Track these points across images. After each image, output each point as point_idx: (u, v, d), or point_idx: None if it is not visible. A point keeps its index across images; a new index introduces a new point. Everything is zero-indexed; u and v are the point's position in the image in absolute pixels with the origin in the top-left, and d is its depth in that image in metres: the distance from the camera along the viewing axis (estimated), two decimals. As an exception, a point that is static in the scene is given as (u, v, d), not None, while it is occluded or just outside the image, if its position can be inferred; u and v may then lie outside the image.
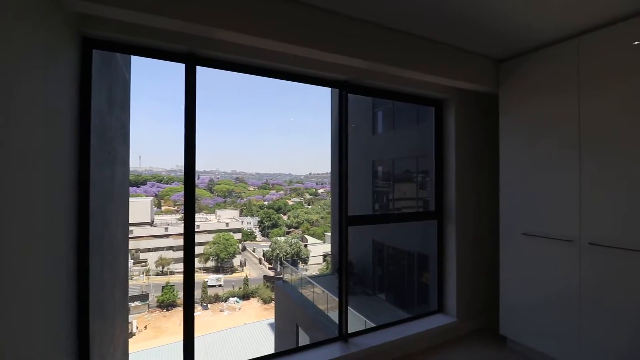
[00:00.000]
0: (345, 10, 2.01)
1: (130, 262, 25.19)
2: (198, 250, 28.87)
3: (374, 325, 2.81)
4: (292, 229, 32.82)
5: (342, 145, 2.51)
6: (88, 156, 1.69)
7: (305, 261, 25.74)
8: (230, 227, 30.95)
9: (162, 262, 27.17)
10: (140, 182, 35.81)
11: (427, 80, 2.61)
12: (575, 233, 2.30)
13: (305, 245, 28.03)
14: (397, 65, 2.22)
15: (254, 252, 31.54)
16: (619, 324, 2.07)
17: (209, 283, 25.40)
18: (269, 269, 28.70)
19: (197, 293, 24.66)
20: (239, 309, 23.95)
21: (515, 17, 2.13)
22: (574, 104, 2.32)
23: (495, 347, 2.78)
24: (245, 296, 25.23)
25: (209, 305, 24.01)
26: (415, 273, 6.30)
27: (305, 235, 30.25)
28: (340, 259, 2.54)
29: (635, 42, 2.05)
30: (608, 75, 2.16)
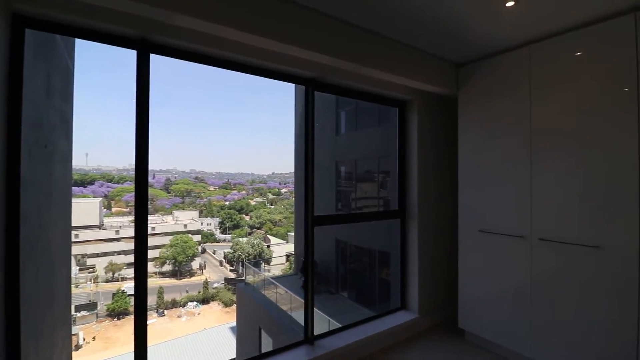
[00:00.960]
0: (311, 3, 1.95)
1: (75, 269, 23.12)
2: (153, 253, 27.28)
3: (339, 326, 2.79)
4: (255, 230, 32.21)
5: (309, 144, 2.45)
6: (19, 150, 1.47)
7: (268, 262, 25.37)
8: (188, 228, 29.65)
9: (112, 268, 25.32)
10: (87, 182, 33.10)
11: (392, 81, 2.64)
12: (527, 230, 2.44)
13: (268, 246, 27.61)
14: (364, 64, 2.21)
15: (214, 254, 30.50)
16: (565, 313, 2.22)
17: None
18: (231, 271, 27.93)
19: (153, 299, 23.33)
20: (198, 313, 23.03)
21: (473, 24, 2.21)
22: (525, 108, 2.46)
23: (453, 340, 2.88)
24: (205, 300, 24.31)
25: (166, 312, 22.81)
26: (376, 270, 6.42)
27: (268, 236, 29.81)
28: (305, 261, 2.49)
29: (578, 53, 2.22)
30: (554, 82, 2.31)
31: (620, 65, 2.01)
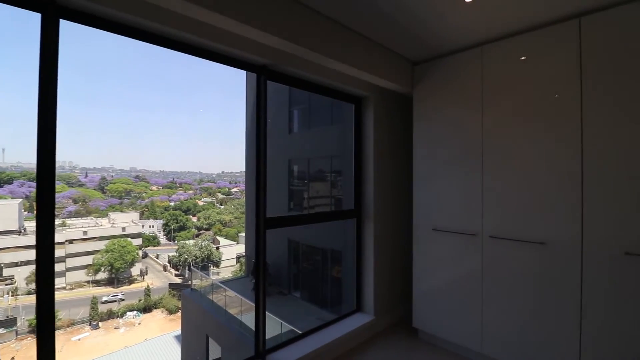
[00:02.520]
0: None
1: (-12, 280, 20.05)
2: (86, 260, 24.75)
3: (290, 328, 2.62)
4: (203, 231, 30.66)
5: (260, 140, 2.23)
6: None
7: (217, 264, 24.27)
8: (127, 232, 27.28)
9: (34, 278, 22.34)
10: (3, 181, 28.94)
11: (350, 75, 2.52)
12: (478, 227, 2.47)
13: (217, 248, 26.43)
14: (322, 53, 2.04)
15: (157, 258, 28.47)
16: (514, 308, 2.28)
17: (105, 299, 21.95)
18: (176, 275, 26.28)
19: (86, 311, 21.11)
20: (139, 323, 21.31)
21: (432, 19, 2.16)
22: (477, 108, 2.49)
23: (408, 340, 2.86)
24: (147, 308, 22.56)
25: (101, 324, 20.76)
26: (329, 269, 6.40)
27: (218, 237, 28.56)
28: (257, 270, 2.26)
29: (523, 57, 2.28)
30: (505, 83, 2.36)
31: (565, 69, 2.10)
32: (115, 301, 22.48)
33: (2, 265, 21.91)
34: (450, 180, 2.64)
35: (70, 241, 25.07)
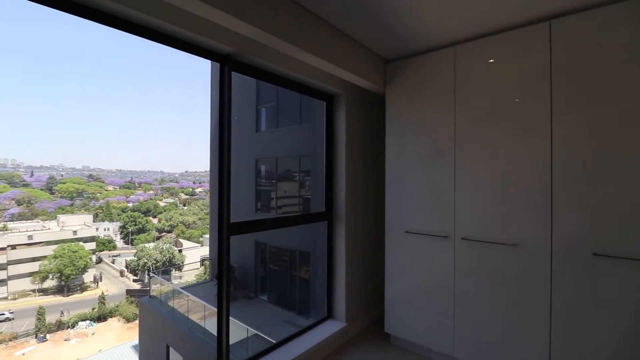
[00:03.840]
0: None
1: None
2: (31, 267, 22.70)
3: (256, 332, 2.43)
4: (164, 234, 29.19)
5: (224, 138, 2.03)
6: None
7: (180, 268, 23.20)
8: (79, 235, 25.32)
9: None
10: None
11: (322, 69, 2.38)
12: (450, 230, 2.44)
13: (180, 251, 25.26)
14: (292, 43, 1.87)
15: (113, 263, 26.73)
16: (486, 310, 2.26)
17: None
18: (135, 281, 24.84)
19: (32, 322, 19.32)
20: (93, 333, 19.88)
21: (409, 15, 2.08)
22: (450, 109, 2.46)
23: (379, 346, 2.78)
24: (101, 317, 21.10)
25: (48, 336, 19.11)
26: (297, 270, 6.30)
27: (180, 240, 27.31)
28: (219, 280, 2.06)
29: (491, 60, 2.27)
30: (477, 83, 2.34)
31: (535, 71, 2.10)
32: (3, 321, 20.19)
33: None
34: (422, 182, 2.59)
35: (13, 247, 22.91)
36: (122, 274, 25.60)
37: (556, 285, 2.01)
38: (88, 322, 20.54)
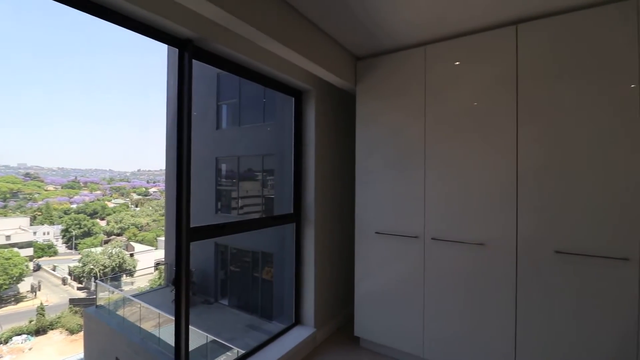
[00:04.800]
0: None
1: None
2: (-50, 278, 19.99)
3: (213, 338, 2.25)
4: (114, 237, 27.13)
5: (183, 135, 1.82)
6: None
7: (131, 274, 21.65)
8: (13, 240, 22.72)
9: None
10: None
11: (292, 62, 2.25)
12: (420, 230, 2.43)
13: (132, 255, 23.60)
14: (260, 29, 1.71)
15: (54, 270, 24.34)
16: (454, 308, 2.28)
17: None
18: (79, 289, 22.81)
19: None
20: (30, 349, 17.97)
21: (378, 11, 2.02)
22: (420, 110, 2.44)
23: (349, 350, 2.71)
24: (40, 330, 19.11)
25: (-27, 355, 16.96)
26: (260, 272, 6.12)
27: (132, 243, 25.53)
28: (178, 291, 1.85)
29: (454, 63, 2.29)
30: (446, 84, 2.35)
31: (502, 74, 2.14)
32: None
33: None
34: (393, 183, 2.56)
35: None
36: (64, 282, 23.38)
37: (521, 281, 2.06)
38: (24, 336, 18.52)
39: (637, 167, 1.76)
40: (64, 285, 23.36)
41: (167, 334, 5.66)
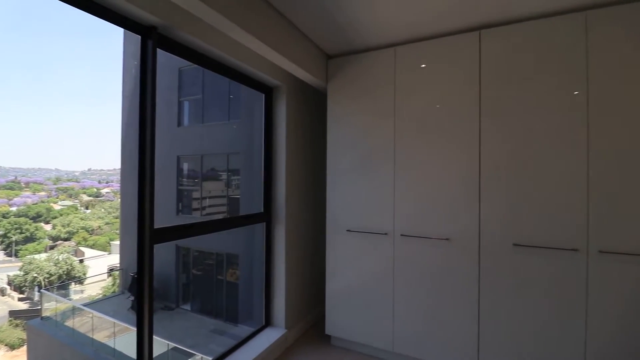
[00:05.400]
0: None
1: None
2: None
3: (175, 345, 2.15)
4: (61, 242, 25.01)
5: (146, 130, 1.71)
6: None
7: (81, 281, 20.09)
8: (-63, 248, 20.15)
9: None
10: None
11: (262, 56, 2.18)
12: (390, 227, 2.48)
13: (82, 261, 21.88)
14: (231, 18, 1.63)
15: (-11, 280, 21.95)
16: (422, 303, 2.35)
17: None
18: (21, 300, 20.77)
19: None
20: (-41, 369, 16.02)
21: (355, 10, 2.03)
22: (390, 110, 2.50)
23: (319, 349, 2.70)
24: (-29, 347, 17.14)
25: None
26: (224, 274, 5.96)
27: (82, 248, 23.68)
28: (140, 298, 1.72)
29: (422, 65, 2.38)
30: (415, 85, 2.42)
31: (466, 77, 2.24)
32: None
33: None
34: (364, 181, 2.59)
35: None
36: (3, 292, 21.19)
37: (483, 273, 2.17)
38: (-49, 356, 16.49)
39: (583, 166, 1.92)
40: (3, 296, 21.18)
41: (123, 344, 5.33)
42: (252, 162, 2.91)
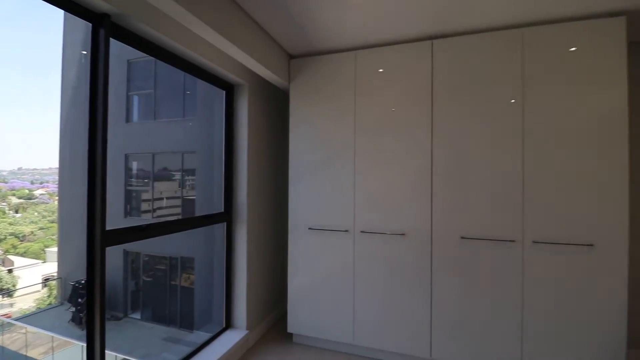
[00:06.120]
0: None
1: None
2: None
3: (125, 357, 2.05)
4: (-17, 250, 22.09)
5: (97, 125, 1.60)
6: None
7: (10, 294, 17.95)
8: None
9: None
10: None
11: (223, 51, 2.14)
12: (350, 224, 2.56)
13: (10, 271, 19.57)
14: (191, 11, 1.58)
15: None
16: (380, 295, 2.47)
17: None
18: None
19: None
20: None
21: (317, 13, 2.07)
22: (350, 111, 2.58)
23: (281, 348, 2.71)
24: None
25: None
26: (178, 279, 5.72)
27: (10, 257, 21.16)
28: (90, 308, 1.61)
29: (380, 70, 2.50)
30: (373, 90, 2.53)
31: (421, 82, 2.40)
32: None
33: None
34: (325, 181, 2.65)
35: None
36: None
37: (435, 264, 2.34)
38: None
39: (519, 166, 2.16)
40: None
41: (63, 357, 4.88)
42: (211, 162, 2.83)
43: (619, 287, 1.96)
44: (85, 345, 1.66)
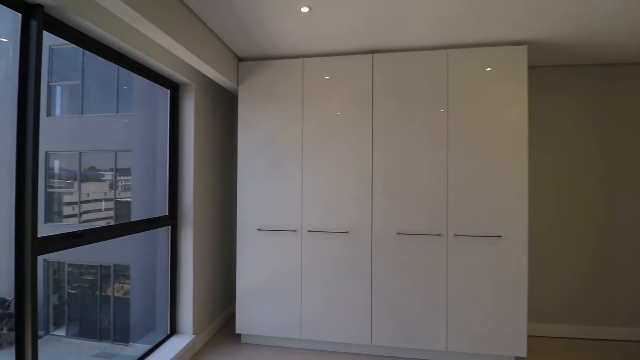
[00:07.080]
0: None
1: None
2: None
3: None
4: None
5: (27, 118, 1.49)
6: None
7: None
8: None
9: None
10: None
11: (167, 49, 2.09)
12: (298, 224, 2.67)
13: None
14: (132, 6, 1.52)
15: None
16: (325, 291, 2.62)
17: None
18: None
19: None
20: None
21: (266, 20, 2.14)
22: (298, 116, 2.70)
23: (229, 349, 2.72)
24: None
25: None
26: (111, 290, 5.30)
27: None
28: (19, 325, 1.49)
29: (327, 77, 2.66)
30: (319, 96, 2.67)
31: (363, 91, 2.60)
32: None
33: None
34: (273, 182, 2.72)
35: None
36: None
37: (375, 258, 2.56)
38: None
39: (444, 168, 2.46)
40: None
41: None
42: (151, 161, 2.72)
43: (521, 269, 2.37)
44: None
